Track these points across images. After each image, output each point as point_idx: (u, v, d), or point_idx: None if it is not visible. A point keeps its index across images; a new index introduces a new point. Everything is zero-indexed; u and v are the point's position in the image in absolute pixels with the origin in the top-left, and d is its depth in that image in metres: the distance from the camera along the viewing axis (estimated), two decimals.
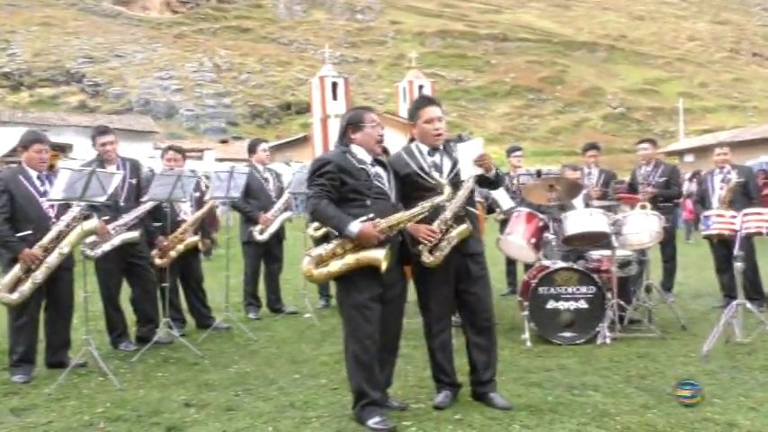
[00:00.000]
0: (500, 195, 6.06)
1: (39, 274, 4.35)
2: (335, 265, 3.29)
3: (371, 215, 3.31)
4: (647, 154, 7.04)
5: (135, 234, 5.06)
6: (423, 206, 3.41)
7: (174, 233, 5.57)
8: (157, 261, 5.49)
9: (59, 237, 4.42)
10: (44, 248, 4.38)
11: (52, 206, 4.49)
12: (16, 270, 4.35)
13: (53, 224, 4.44)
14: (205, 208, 5.88)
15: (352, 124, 3.49)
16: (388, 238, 3.33)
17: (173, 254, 5.56)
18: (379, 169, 3.49)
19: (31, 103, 46.19)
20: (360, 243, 3.28)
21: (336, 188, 3.35)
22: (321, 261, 3.32)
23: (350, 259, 3.28)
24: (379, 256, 3.25)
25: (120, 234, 5.00)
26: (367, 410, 3.31)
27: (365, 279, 3.30)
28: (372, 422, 3.27)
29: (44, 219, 4.47)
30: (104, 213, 4.91)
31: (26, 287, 4.34)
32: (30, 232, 4.41)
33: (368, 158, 3.45)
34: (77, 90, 51.09)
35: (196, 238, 5.80)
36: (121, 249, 5.05)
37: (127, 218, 5.06)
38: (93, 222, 4.54)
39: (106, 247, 4.91)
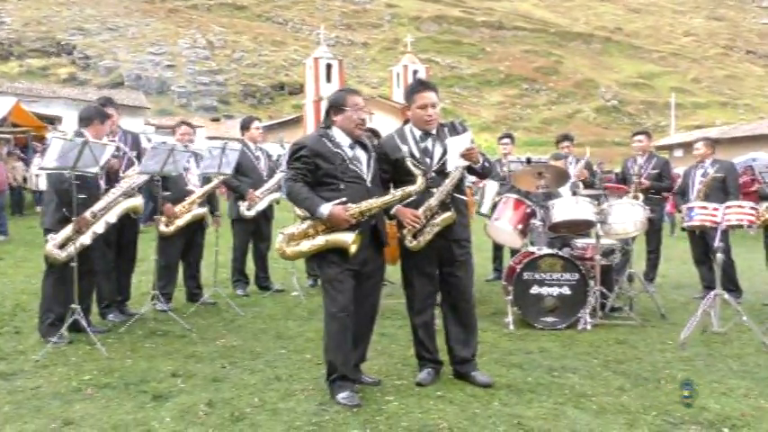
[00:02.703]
0: (489, 191, 6.06)
1: (86, 238, 4.56)
2: (306, 245, 3.41)
3: (344, 199, 3.38)
4: (642, 146, 7.12)
5: (137, 201, 5.03)
6: (394, 194, 3.50)
7: (182, 203, 5.66)
8: (162, 228, 5.56)
9: (107, 207, 4.70)
10: (93, 215, 4.60)
11: (102, 177, 4.76)
12: (68, 231, 4.51)
13: (102, 194, 4.75)
14: (214, 182, 5.90)
15: (335, 106, 3.53)
16: (359, 222, 3.41)
17: (179, 222, 5.63)
18: (359, 152, 3.53)
19: (20, 74, 45.60)
20: (330, 225, 3.36)
21: (311, 172, 3.42)
22: (293, 239, 3.41)
23: (320, 240, 3.39)
24: (348, 239, 3.35)
25: (122, 203, 5.01)
26: (337, 384, 3.40)
27: (335, 254, 3.40)
28: (341, 397, 3.35)
29: (95, 187, 4.74)
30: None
31: (73, 248, 4.48)
32: (84, 196, 4.56)
33: (346, 142, 3.50)
34: (67, 62, 50.51)
35: (203, 210, 5.84)
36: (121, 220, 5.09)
37: (123, 185, 5.06)
38: (136, 201, 4.85)
39: (110, 217, 4.93)
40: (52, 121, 21.85)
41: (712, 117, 52.76)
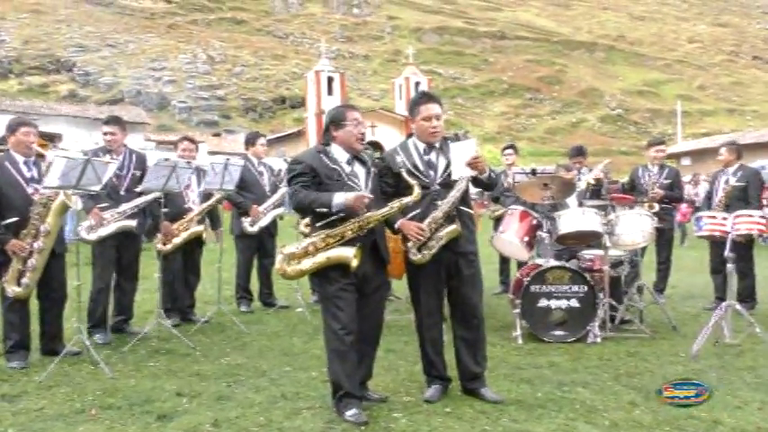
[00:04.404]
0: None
1: (34, 261, 4.42)
2: (307, 263, 3.42)
3: (341, 215, 3.40)
4: (662, 156, 7.11)
5: (132, 223, 5.16)
6: (391, 206, 3.51)
7: (180, 221, 5.72)
8: (160, 247, 5.60)
9: (40, 219, 4.44)
10: (32, 235, 4.45)
11: (37, 192, 4.51)
12: (14, 264, 4.42)
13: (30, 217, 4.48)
14: (212, 200, 5.96)
15: (334, 122, 3.57)
16: (359, 236, 3.42)
17: (176, 240, 5.67)
18: (357, 168, 3.57)
19: (20, 92, 45.97)
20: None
21: (314, 183, 3.45)
22: (293, 258, 3.43)
23: (321, 258, 3.40)
24: (349, 254, 3.36)
25: (118, 221, 5.10)
26: (344, 402, 3.40)
27: (336, 271, 3.40)
28: (348, 414, 3.35)
29: (30, 205, 4.48)
30: (103, 201, 5.05)
31: (28, 277, 4.42)
32: (15, 219, 4.45)
33: (344, 157, 3.53)
34: (67, 79, 50.89)
35: (200, 227, 5.88)
36: (117, 238, 5.15)
37: (125, 206, 5.16)
38: (61, 197, 4.45)
39: (102, 231, 5.01)
40: (52, 138, 21.98)
41: (719, 124, 52.76)
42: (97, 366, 4.36)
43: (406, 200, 3.52)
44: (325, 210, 3.39)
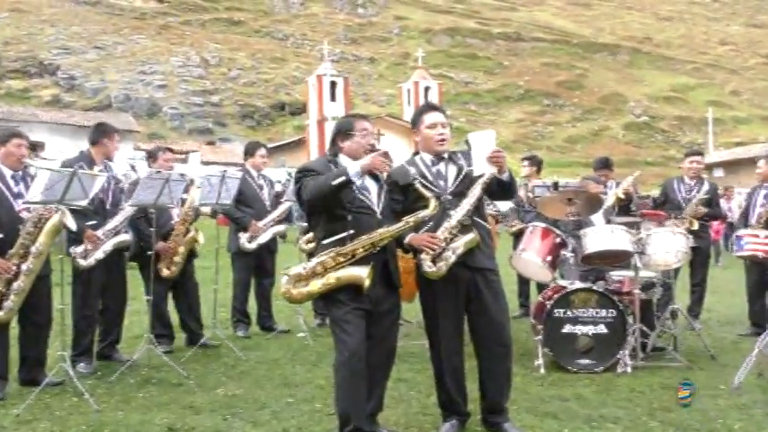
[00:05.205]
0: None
1: (21, 283, 4.38)
2: (316, 285, 3.37)
3: (351, 231, 3.37)
4: (699, 168, 7.06)
5: (127, 237, 5.17)
6: (406, 221, 3.47)
7: (170, 238, 5.71)
8: (165, 273, 5.62)
9: (30, 239, 4.40)
10: (20, 255, 4.39)
11: (28, 209, 4.49)
12: None
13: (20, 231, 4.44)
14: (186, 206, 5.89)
15: (342, 132, 3.58)
16: (371, 254, 3.39)
17: (177, 259, 5.69)
18: (368, 182, 3.55)
19: None
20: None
21: None
22: (300, 280, 3.39)
23: (331, 278, 3.35)
24: (363, 274, 3.32)
25: (112, 238, 5.09)
26: None
27: (344, 292, 3.37)
28: None
29: (17, 222, 4.47)
30: (91, 218, 5.01)
31: (11, 301, 4.37)
32: (1, 236, 4.43)
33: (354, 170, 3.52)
34: (51, 83, 51.23)
35: (192, 233, 5.86)
36: (106, 258, 5.13)
37: (115, 221, 5.15)
38: (56, 217, 4.44)
39: (99, 254, 4.99)
40: (34, 147, 22.11)
41: (754, 133, 52.65)
42: (81, 398, 4.30)
43: (422, 213, 3.48)
44: (339, 214, 3.38)
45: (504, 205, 7.20)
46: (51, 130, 29.86)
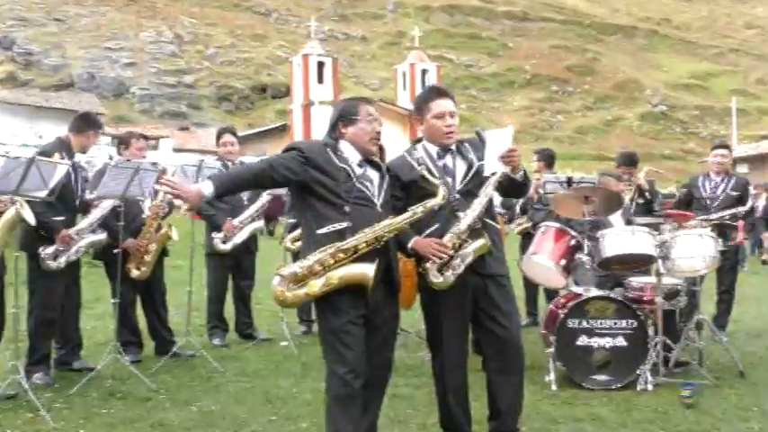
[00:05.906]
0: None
1: None
2: (315, 285, 3.25)
3: (349, 224, 3.31)
4: (726, 162, 7.03)
5: (102, 237, 5.15)
6: (414, 211, 3.42)
7: (140, 235, 5.64)
8: (134, 273, 5.59)
9: None
10: None
11: None
12: None
13: None
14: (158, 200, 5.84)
15: (344, 117, 3.52)
16: (376, 251, 3.33)
17: (148, 258, 5.64)
18: (370, 171, 3.50)
19: None
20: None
21: (296, 174, 3.33)
22: (296, 281, 3.28)
23: (332, 277, 3.24)
24: (368, 271, 3.23)
25: (87, 237, 5.06)
26: None
27: (344, 299, 3.29)
28: None
29: None
30: (60, 213, 4.97)
31: None
32: None
33: (356, 158, 3.47)
34: (5, 59, 51.00)
35: (165, 229, 5.79)
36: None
37: (90, 218, 5.11)
38: (11, 211, 4.36)
39: (71, 255, 4.95)
40: None
41: None
42: (37, 414, 4.26)
43: (432, 202, 3.43)
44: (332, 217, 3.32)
45: (497, 200, 7.15)
46: (4, 111, 29.62)
